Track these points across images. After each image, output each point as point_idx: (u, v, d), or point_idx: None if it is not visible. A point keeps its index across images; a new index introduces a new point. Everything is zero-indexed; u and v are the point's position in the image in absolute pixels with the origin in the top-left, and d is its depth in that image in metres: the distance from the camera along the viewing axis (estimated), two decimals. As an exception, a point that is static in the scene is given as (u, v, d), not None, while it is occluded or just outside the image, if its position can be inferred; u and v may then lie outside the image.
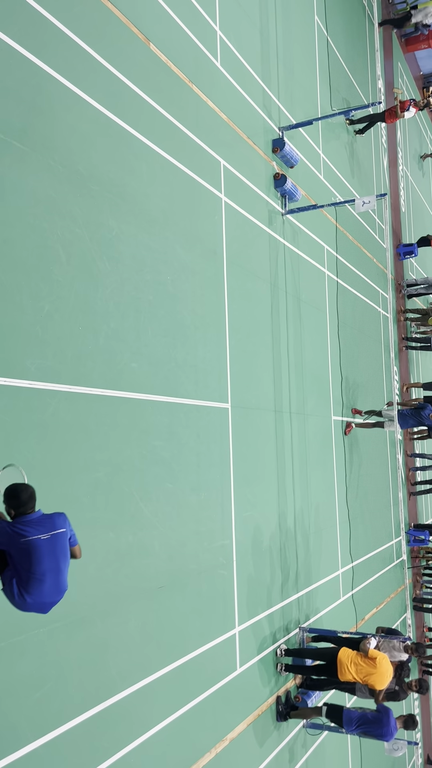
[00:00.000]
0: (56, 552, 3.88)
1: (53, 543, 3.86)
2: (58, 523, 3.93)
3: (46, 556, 3.81)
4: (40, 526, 3.83)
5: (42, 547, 3.79)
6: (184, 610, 6.53)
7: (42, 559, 3.79)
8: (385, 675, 7.82)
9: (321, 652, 8.38)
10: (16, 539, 3.74)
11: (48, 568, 3.82)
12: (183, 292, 6.99)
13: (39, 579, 3.80)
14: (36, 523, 3.83)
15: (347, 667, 7.89)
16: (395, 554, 14.59)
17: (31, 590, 3.81)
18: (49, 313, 5.10)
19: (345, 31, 14.23)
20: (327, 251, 11.80)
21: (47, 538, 3.83)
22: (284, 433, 9.30)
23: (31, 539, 3.76)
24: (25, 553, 3.76)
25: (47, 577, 3.83)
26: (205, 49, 7.93)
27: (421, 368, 19.48)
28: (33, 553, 3.76)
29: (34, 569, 3.78)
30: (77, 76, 5.64)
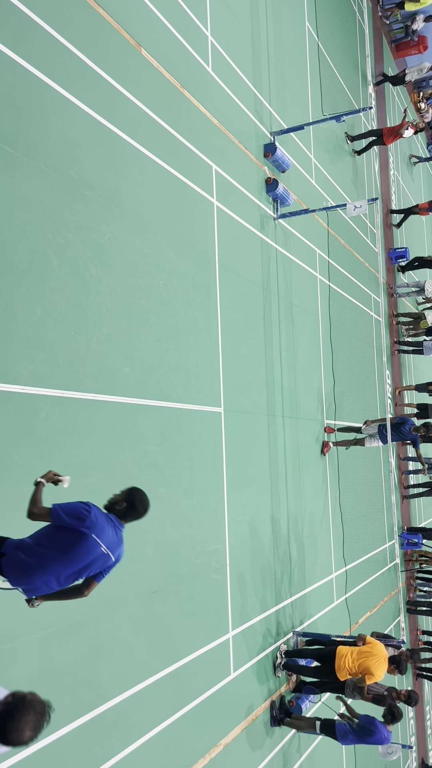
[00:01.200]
0: (84, 566, 3.76)
1: (94, 559, 3.76)
2: (116, 555, 3.88)
3: (79, 563, 3.71)
4: (113, 542, 3.81)
5: (90, 554, 3.71)
6: (178, 615, 6.51)
7: (76, 560, 3.68)
8: (382, 660, 7.81)
9: (320, 652, 8.40)
10: (89, 524, 3.67)
11: (64, 569, 3.68)
12: (175, 296, 7.00)
13: (48, 568, 3.65)
14: (113, 537, 3.82)
15: (344, 658, 7.86)
16: (389, 557, 14.61)
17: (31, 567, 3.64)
18: (41, 318, 5.09)
19: (336, 36, 14.30)
20: (319, 255, 11.83)
21: (101, 554, 3.76)
22: (277, 437, 9.31)
23: (96, 540, 3.69)
24: (75, 540, 3.66)
25: (52, 573, 3.68)
26: (197, 54, 7.95)
27: (414, 372, 19.54)
28: (79, 548, 3.66)
29: (59, 557, 3.65)
30: (69, 81, 5.64)
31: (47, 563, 3.67)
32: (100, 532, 3.74)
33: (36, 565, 3.66)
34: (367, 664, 7.78)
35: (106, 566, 3.91)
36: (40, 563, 3.67)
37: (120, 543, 3.93)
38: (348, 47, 15.22)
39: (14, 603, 4.61)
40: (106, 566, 3.91)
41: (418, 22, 19.86)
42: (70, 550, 3.67)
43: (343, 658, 7.95)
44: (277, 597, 8.81)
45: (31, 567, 3.67)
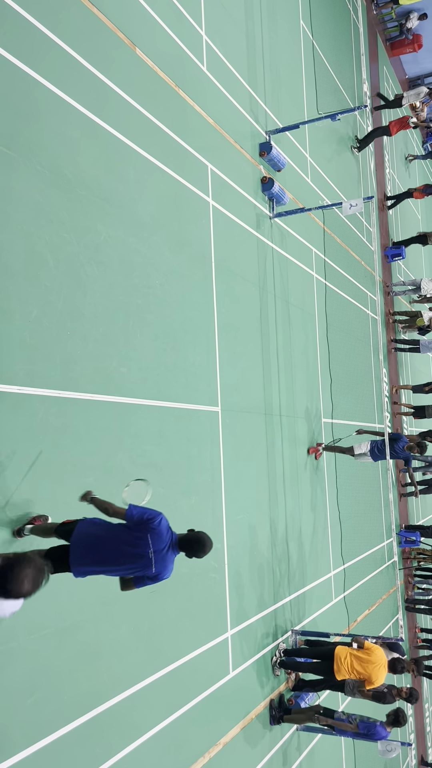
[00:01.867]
0: (130, 563, 4.28)
1: (140, 562, 4.28)
2: (159, 569, 4.34)
3: (127, 559, 4.26)
4: (162, 557, 4.31)
5: (139, 556, 4.26)
6: (176, 615, 6.51)
7: (126, 555, 4.24)
8: (381, 666, 7.84)
9: (318, 650, 8.41)
10: (150, 531, 4.26)
11: (114, 559, 4.25)
12: (172, 296, 7.00)
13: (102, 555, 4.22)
14: (164, 553, 4.33)
15: (343, 660, 7.89)
16: (387, 556, 14.63)
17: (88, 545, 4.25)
18: (38, 318, 5.09)
19: (331, 35, 14.31)
20: (315, 254, 11.84)
21: (147, 560, 4.27)
22: (274, 436, 9.31)
23: (149, 545, 4.26)
24: (134, 539, 4.25)
25: (103, 562, 4.25)
26: (192, 53, 7.95)
27: (411, 370, 19.56)
28: (134, 546, 4.24)
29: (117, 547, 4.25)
30: (64, 81, 5.64)
31: (103, 550, 4.27)
32: (157, 542, 4.29)
33: (95, 550, 4.27)
34: (368, 671, 7.82)
35: (145, 574, 4.37)
36: (97, 549, 4.27)
37: (168, 563, 4.40)
38: (343, 46, 15.22)
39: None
40: (145, 574, 4.37)
41: (412, 21, 19.88)
42: (127, 545, 4.25)
43: (341, 660, 7.94)
44: (276, 596, 8.82)
45: (91, 549, 4.28)
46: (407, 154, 22.90)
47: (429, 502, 20.41)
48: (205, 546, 4.49)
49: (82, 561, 4.27)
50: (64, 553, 4.30)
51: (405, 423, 17.95)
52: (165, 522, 4.39)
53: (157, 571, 4.35)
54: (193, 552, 4.49)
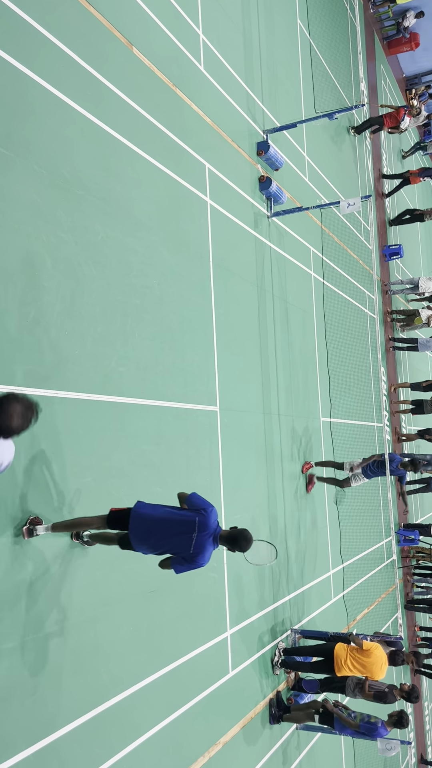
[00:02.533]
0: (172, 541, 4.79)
1: (180, 540, 4.76)
2: (195, 552, 4.78)
3: (171, 536, 4.77)
4: (203, 543, 4.79)
5: (182, 536, 4.76)
6: (176, 614, 6.51)
7: (171, 534, 4.76)
8: (381, 664, 7.89)
9: (318, 649, 8.43)
10: (202, 516, 4.81)
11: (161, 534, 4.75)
12: (170, 295, 6.99)
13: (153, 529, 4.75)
14: (207, 543, 4.81)
15: (344, 660, 7.94)
16: (385, 554, 14.64)
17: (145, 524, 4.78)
18: (36, 318, 5.08)
19: (328, 33, 14.31)
20: (313, 253, 11.84)
21: (187, 540, 4.75)
22: (273, 435, 9.31)
23: (194, 529, 4.75)
24: (182, 520, 4.80)
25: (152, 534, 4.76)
26: (188, 52, 7.94)
27: (409, 369, 19.57)
28: (180, 526, 4.77)
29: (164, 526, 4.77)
30: (60, 80, 5.63)
31: (153, 529, 4.76)
32: (201, 528, 4.75)
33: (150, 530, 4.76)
34: (369, 670, 7.90)
35: (182, 555, 4.81)
36: (151, 529, 4.77)
37: (206, 550, 4.80)
38: (340, 44, 15.22)
39: (13, 604, 4.61)
40: (182, 555, 4.81)
41: (409, 19, 19.88)
42: (176, 525, 4.75)
43: (342, 660, 7.98)
44: (275, 595, 8.82)
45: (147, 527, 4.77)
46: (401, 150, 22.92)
47: (428, 500, 20.42)
48: (248, 541, 4.92)
49: (141, 539, 4.79)
50: (127, 537, 4.84)
51: (404, 421, 17.96)
52: (214, 515, 4.90)
53: (195, 552, 4.74)
54: (237, 546, 4.91)
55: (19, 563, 4.70)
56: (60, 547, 5.10)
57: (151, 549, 4.85)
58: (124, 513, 4.82)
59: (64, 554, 5.13)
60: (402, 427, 17.65)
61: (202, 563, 4.83)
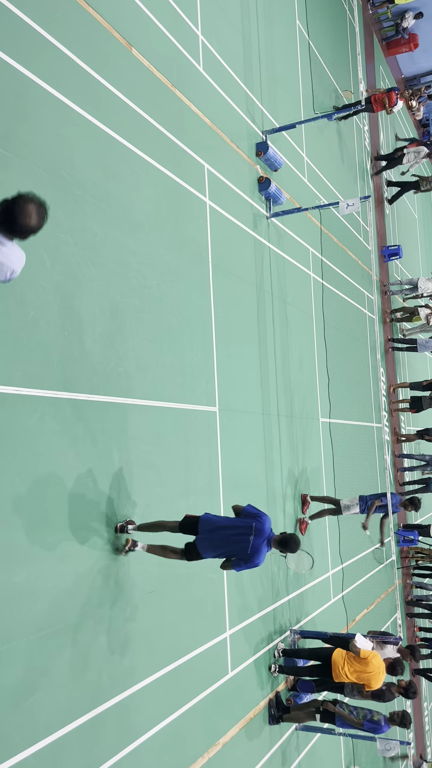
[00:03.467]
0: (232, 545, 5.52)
1: (240, 544, 5.47)
2: (252, 551, 5.46)
3: (231, 540, 5.50)
4: (259, 546, 5.48)
5: (241, 539, 5.47)
6: (175, 615, 6.51)
7: (231, 539, 5.50)
8: (378, 673, 7.86)
9: (316, 652, 8.41)
10: (258, 522, 5.54)
11: (222, 537, 5.51)
12: (169, 296, 6.99)
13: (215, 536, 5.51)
14: (261, 546, 5.49)
15: (341, 668, 7.93)
16: (385, 554, 14.63)
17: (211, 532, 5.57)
18: (35, 318, 5.08)
19: (327, 34, 14.32)
20: (312, 254, 11.84)
21: (245, 543, 5.44)
22: (272, 436, 9.31)
23: (251, 533, 5.47)
24: (241, 526, 5.53)
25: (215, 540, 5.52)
26: (188, 53, 7.95)
27: (408, 369, 19.58)
28: (239, 532, 5.49)
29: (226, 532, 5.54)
30: (60, 81, 5.63)
31: (217, 534, 5.53)
32: (258, 533, 5.46)
33: (214, 537, 5.52)
34: (366, 680, 7.84)
35: (241, 556, 5.50)
36: (215, 536, 5.53)
37: (261, 552, 5.48)
38: (339, 45, 15.23)
39: (11, 605, 4.61)
40: (241, 556, 5.50)
41: (408, 20, 19.91)
42: (236, 533, 5.49)
43: (339, 666, 7.94)
44: (274, 595, 8.82)
45: (211, 534, 5.54)
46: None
47: (427, 500, 20.42)
48: (297, 544, 5.68)
49: (207, 546, 5.55)
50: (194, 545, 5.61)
51: (403, 422, 17.97)
52: (268, 522, 5.61)
53: (252, 553, 5.43)
54: (287, 548, 5.64)
55: (19, 565, 4.71)
56: (61, 548, 5.11)
57: (215, 551, 5.57)
58: (195, 519, 5.66)
59: (63, 555, 5.13)
60: (401, 427, 17.66)
61: (258, 563, 5.52)
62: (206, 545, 5.54)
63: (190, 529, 5.64)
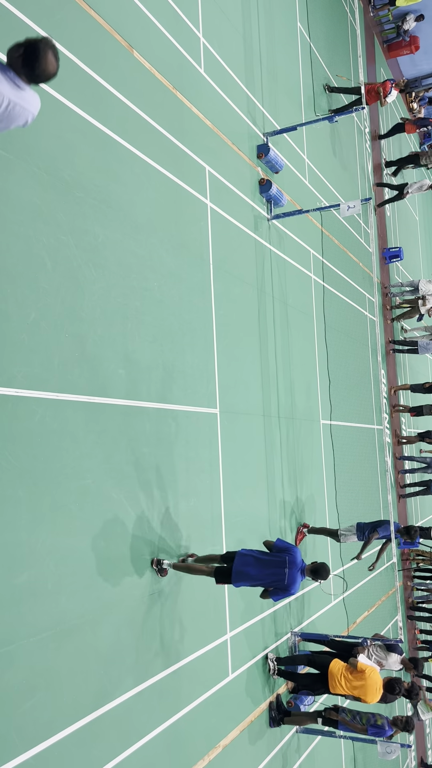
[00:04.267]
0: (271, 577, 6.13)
1: (277, 576, 6.10)
2: (289, 581, 6.07)
3: (269, 574, 6.12)
4: (294, 576, 6.10)
5: (278, 572, 6.09)
6: (176, 617, 6.50)
7: (267, 572, 6.11)
8: (375, 689, 7.72)
9: (313, 660, 8.35)
10: (290, 557, 6.16)
11: (260, 572, 6.10)
12: (170, 297, 6.99)
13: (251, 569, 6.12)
14: (296, 575, 6.10)
15: (338, 681, 7.80)
16: (386, 557, 14.62)
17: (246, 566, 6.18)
18: (35, 320, 5.08)
19: (328, 36, 14.33)
20: (313, 256, 11.85)
21: (282, 575, 6.07)
22: (273, 438, 9.31)
23: (286, 565, 6.09)
24: (276, 560, 6.16)
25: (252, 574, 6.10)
26: (189, 55, 7.95)
27: (409, 371, 19.58)
28: (275, 565, 6.13)
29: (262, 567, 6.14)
30: (60, 83, 5.63)
31: (254, 569, 6.12)
32: (291, 565, 6.08)
33: (250, 570, 6.12)
34: (361, 694, 7.74)
35: (278, 586, 6.11)
36: (251, 570, 6.12)
37: (296, 582, 6.08)
38: (340, 48, 15.25)
39: (12, 606, 4.60)
40: (278, 586, 6.11)
41: (409, 22, 19.92)
42: (272, 566, 6.12)
43: (336, 678, 7.85)
44: (275, 597, 8.80)
45: (247, 568, 6.13)
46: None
47: (428, 503, 20.42)
48: (327, 572, 6.35)
49: (241, 577, 6.11)
50: (228, 571, 6.19)
51: (404, 423, 17.97)
52: (299, 554, 6.24)
53: (288, 583, 6.04)
54: (318, 576, 6.31)
55: (19, 567, 4.70)
56: (61, 550, 5.10)
57: (252, 582, 6.16)
58: (232, 553, 6.34)
59: (63, 556, 5.13)
60: (402, 429, 17.65)
61: (294, 592, 6.16)
62: (242, 578, 6.12)
63: (227, 560, 6.35)
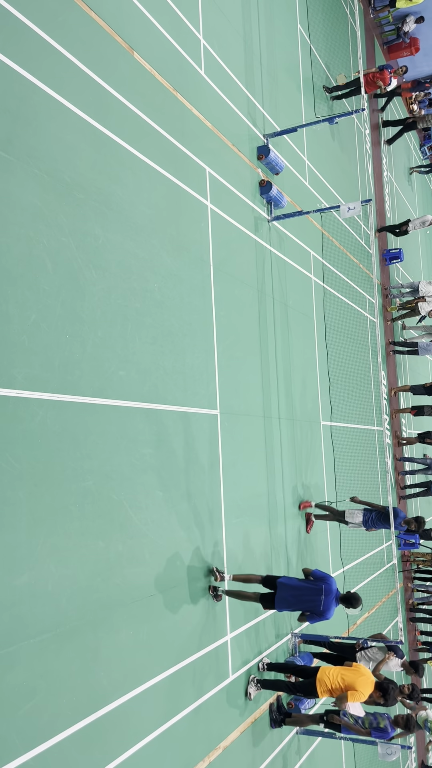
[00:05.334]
0: (306, 603, 6.96)
1: (313, 603, 6.94)
2: (324, 608, 6.89)
3: (304, 599, 6.97)
4: (329, 604, 6.92)
5: (314, 599, 6.93)
6: (176, 619, 6.50)
7: (304, 598, 6.97)
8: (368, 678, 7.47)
9: (303, 669, 8.04)
10: (326, 585, 6.98)
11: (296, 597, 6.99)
12: (170, 299, 7.00)
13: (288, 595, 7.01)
14: (330, 602, 6.93)
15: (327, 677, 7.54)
16: (386, 558, 14.62)
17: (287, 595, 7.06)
18: (36, 322, 5.09)
19: (328, 38, 14.35)
20: (313, 257, 11.86)
21: (318, 602, 6.87)
22: (273, 439, 9.31)
23: (321, 593, 6.89)
24: (312, 588, 6.99)
25: (290, 599, 7.00)
26: (189, 57, 7.97)
27: (409, 372, 19.58)
28: (311, 592, 6.97)
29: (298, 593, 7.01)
30: (62, 85, 5.65)
31: (293, 596, 6.96)
32: (327, 594, 6.85)
33: (291, 596, 6.98)
34: (351, 680, 7.39)
35: (315, 612, 6.90)
36: (292, 595, 6.98)
37: (331, 608, 6.89)
38: (340, 49, 15.26)
39: (11, 608, 4.60)
40: (315, 612, 6.90)
41: (409, 24, 19.92)
42: (309, 592, 6.93)
43: (326, 685, 7.51)
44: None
45: (287, 594, 6.98)
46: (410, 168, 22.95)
47: (428, 504, 20.41)
48: (359, 601, 7.14)
49: (283, 603, 6.96)
50: (271, 598, 7.02)
51: (404, 424, 17.96)
52: (334, 583, 6.99)
53: (323, 609, 6.81)
54: (350, 605, 7.13)
55: (19, 568, 4.71)
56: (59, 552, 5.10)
57: (291, 608, 6.97)
58: (274, 579, 7.11)
59: (62, 558, 5.13)
60: (402, 430, 17.65)
61: (329, 617, 6.91)
62: (284, 604, 6.94)
63: (269, 585, 7.12)
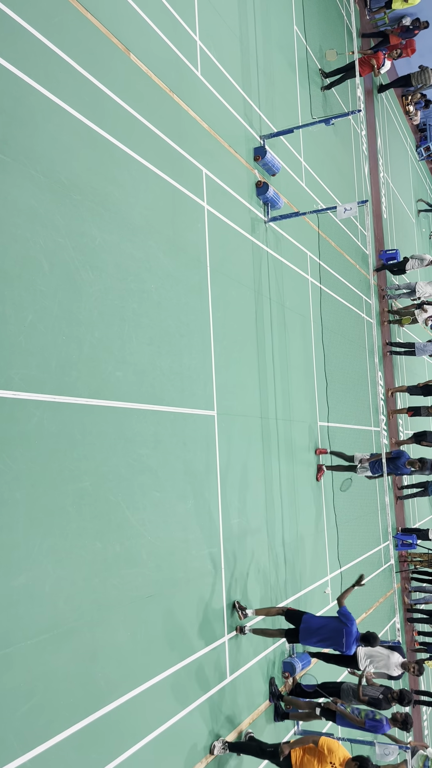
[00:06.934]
0: (331, 642, 7.53)
1: (336, 640, 7.49)
2: (348, 645, 7.41)
3: (330, 638, 7.50)
4: (350, 642, 7.43)
5: (338, 638, 7.46)
6: (173, 619, 6.50)
7: (330, 637, 7.50)
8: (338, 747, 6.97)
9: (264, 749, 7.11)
10: (348, 623, 7.43)
11: (321, 636, 7.53)
12: (167, 300, 7.01)
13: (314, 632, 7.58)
14: (352, 641, 7.42)
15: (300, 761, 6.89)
16: (383, 559, 14.63)
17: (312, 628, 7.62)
18: (33, 323, 5.09)
19: (324, 39, 14.37)
20: (310, 258, 11.87)
21: (342, 642, 7.42)
22: (270, 440, 9.32)
23: (345, 634, 7.40)
24: (337, 627, 7.50)
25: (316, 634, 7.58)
26: (186, 58, 7.98)
27: (406, 372, 19.60)
28: (335, 630, 7.49)
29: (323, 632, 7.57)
30: (58, 86, 5.65)
31: (317, 632, 7.52)
32: (348, 635, 7.34)
33: (314, 633, 7.53)
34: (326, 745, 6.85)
35: (337, 648, 7.48)
36: (315, 632, 7.53)
37: (352, 646, 7.42)
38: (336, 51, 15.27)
39: (9, 609, 4.60)
40: (337, 648, 7.48)
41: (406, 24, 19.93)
42: (333, 631, 7.45)
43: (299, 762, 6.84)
44: (273, 599, 8.81)
45: (312, 628, 7.57)
46: (418, 200, 23.03)
47: (425, 504, 20.44)
48: (376, 640, 7.59)
49: (307, 639, 7.52)
50: (296, 633, 7.60)
51: (401, 425, 17.98)
52: (355, 626, 7.46)
53: (346, 646, 7.34)
54: (368, 643, 7.54)
55: (16, 570, 4.70)
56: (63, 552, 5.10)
57: (314, 643, 7.53)
58: (298, 614, 7.67)
59: (62, 560, 5.12)
60: (399, 431, 17.66)
61: (350, 653, 7.47)
62: (309, 640, 7.51)
63: (293, 621, 7.65)
